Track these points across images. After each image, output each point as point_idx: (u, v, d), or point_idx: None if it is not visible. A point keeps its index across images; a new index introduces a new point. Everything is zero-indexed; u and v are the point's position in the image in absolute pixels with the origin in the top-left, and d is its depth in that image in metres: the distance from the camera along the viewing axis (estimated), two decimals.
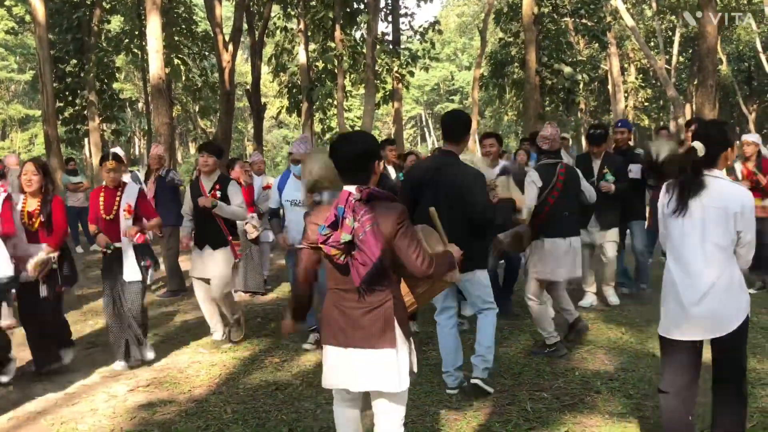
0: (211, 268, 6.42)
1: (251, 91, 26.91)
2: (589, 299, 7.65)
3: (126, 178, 9.20)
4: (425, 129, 67.47)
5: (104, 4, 26.74)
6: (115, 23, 33.67)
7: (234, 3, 26.51)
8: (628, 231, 7.90)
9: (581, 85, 26.21)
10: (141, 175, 9.81)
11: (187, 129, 54.99)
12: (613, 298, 7.64)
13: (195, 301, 8.71)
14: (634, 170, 7.54)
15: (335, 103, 25.53)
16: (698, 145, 3.40)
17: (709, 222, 3.36)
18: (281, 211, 6.61)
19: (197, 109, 38.77)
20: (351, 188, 3.04)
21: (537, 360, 5.66)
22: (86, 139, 29.59)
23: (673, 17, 39.46)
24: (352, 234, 2.94)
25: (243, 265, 8.44)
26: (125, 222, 5.83)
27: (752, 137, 8.23)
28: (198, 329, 7.24)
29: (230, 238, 6.50)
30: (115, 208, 5.84)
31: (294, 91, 27.28)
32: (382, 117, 56.74)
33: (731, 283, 3.39)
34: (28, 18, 36.33)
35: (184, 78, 30.23)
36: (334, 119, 27.86)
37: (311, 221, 3.18)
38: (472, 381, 4.91)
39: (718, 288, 3.36)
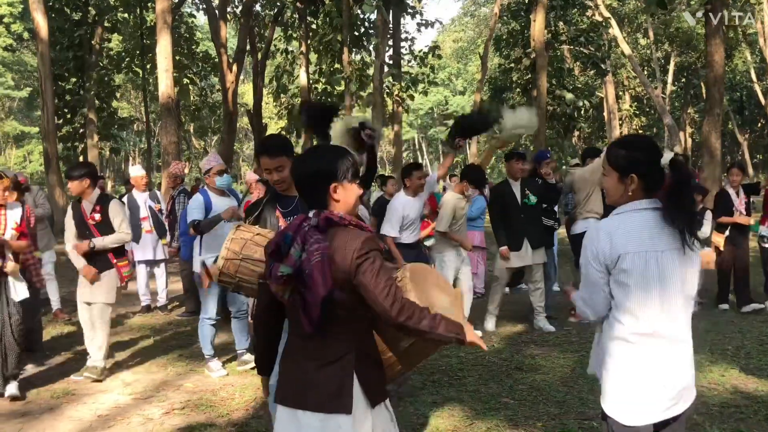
0: (95, 292, 6.11)
1: (253, 112, 26.98)
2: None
3: (144, 196, 9.12)
4: (418, 152, 67.71)
5: (106, 23, 26.75)
6: (114, 42, 33.68)
7: (237, 25, 26.57)
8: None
9: (582, 111, 26.40)
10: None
11: (180, 148, 54.99)
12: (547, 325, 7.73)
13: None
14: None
15: None
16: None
17: (684, 265, 2.62)
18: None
19: (193, 129, 38.84)
20: (310, 213, 2.55)
21: (578, 387, 5.59)
22: (82, 157, 29.47)
23: (668, 47, 39.96)
24: (297, 267, 2.43)
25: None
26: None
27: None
28: (221, 350, 7.13)
29: (115, 261, 6.18)
30: (3, 226, 5.63)
31: (294, 112, 27.32)
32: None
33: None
34: (26, 35, 36.33)
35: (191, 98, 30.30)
36: None
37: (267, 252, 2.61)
38: None
39: (691, 347, 2.71)
